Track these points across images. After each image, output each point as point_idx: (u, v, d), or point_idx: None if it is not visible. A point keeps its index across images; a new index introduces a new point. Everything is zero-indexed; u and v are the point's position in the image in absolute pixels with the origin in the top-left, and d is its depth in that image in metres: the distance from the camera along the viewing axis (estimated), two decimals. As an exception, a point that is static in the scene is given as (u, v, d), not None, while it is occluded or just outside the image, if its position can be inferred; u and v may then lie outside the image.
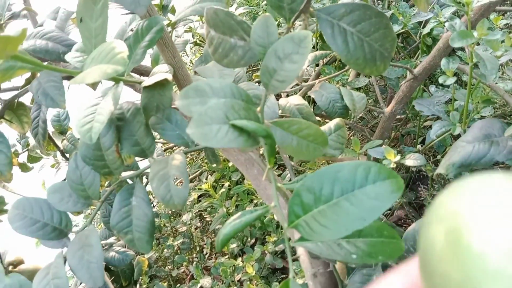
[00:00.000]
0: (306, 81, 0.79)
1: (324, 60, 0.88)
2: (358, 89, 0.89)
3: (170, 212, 1.41)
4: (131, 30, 0.70)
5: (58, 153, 1.12)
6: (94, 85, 0.68)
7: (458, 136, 0.60)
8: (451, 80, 0.58)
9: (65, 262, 0.56)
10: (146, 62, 0.82)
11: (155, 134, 0.57)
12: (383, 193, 0.35)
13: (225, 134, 0.36)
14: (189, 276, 1.26)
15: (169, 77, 0.55)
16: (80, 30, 0.49)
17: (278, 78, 0.39)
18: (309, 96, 0.75)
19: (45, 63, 0.70)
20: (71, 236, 0.58)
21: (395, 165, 0.59)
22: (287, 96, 0.79)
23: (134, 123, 0.54)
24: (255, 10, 1.64)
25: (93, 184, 0.56)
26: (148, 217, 0.55)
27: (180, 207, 0.49)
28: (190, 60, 1.89)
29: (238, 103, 0.39)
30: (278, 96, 1.03)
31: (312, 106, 0.94)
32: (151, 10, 0.56)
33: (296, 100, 0.68)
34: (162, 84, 0.55)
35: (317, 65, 0.91)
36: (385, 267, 0.57)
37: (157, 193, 0.49)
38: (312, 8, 0.38)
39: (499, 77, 0.66)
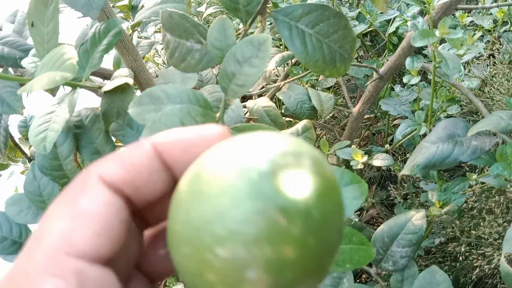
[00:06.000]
0: (275, 82, 0.78)
1: (293, 61, 0.87)
2: (328, 89, 0.89)
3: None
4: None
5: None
6: (53, 91, 0.65)
7: (426, 134, 0.60)
8: (415, 79, 0.58)
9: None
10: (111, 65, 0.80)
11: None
12: (345, 200, 0.34)
13: (181, 142, 0.35)
14: (163, 283, 1.23)
15: (130, 81, 0.53)
16: (32, 35, 0.47)
17: (237, 82, 0.38)
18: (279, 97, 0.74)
19: (1, 69, 0.67)
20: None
21: (362, 165, 0.58)
22: (259, 97, 0.78)
23: (93, 130, 0.52)
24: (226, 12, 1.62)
25: (52, 195, 0.54)
26: (111, 227, 0.53)
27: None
28: (163, 61, 1.86)
29: (195, 108, 0.38)
30: (249, 98, 1.01)
31: (283, 108, 0.93)
32: (109, 13, 0.54)
33: (264, 102, 0.67)
34: (123, 89, 0.53)
35: (287, 64, 0.90)
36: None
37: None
38: (269, 10, 0.37)
39: (465, 74, 0.66)
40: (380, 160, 0.60)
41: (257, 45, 0.37)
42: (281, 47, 1.03)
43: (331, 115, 1.18)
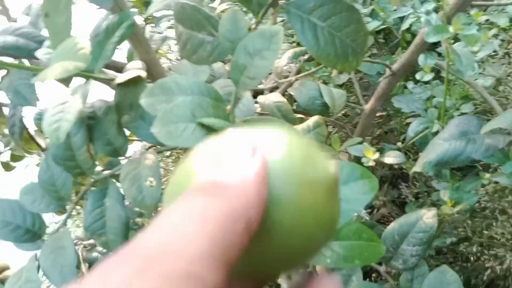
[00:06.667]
0: (286, 77, 0.78)
1: (305, 57, 0.87)
2: (340, 86, 0.88)
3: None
4: (107, 26, 0.68)
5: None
6: (67, 82, 0.66)
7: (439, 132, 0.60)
8: (428, 76, 0.58)
9: (39, 266, 0.54)
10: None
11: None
12: (354, 194, 0.34)
13: (192, 133, 0.35)
14: None
15: (143, 74, 0.54)
16: (46, 26, 0.47)
17: (248, 74, 0.38)
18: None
19: (17, 60, 0.68)
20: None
21: (374, 163, 0.58)
22: (270, 92, 0.78)
23: (106, 122, 0.53)
24: (240, 6, 1.62)
25: (65, 185, 0.54)
26: (122, 218, 0.53)
27: (152, 208, 0.48)
28: (175, 57, 1.87)
29: (207, 100, 0.38)
30: (260, 93, 1.01)
31: (295, 104, 0.93)
32: (123, 5, 0.54)
33: (275, 97, 0.67)
34: (135, 81, 0.53)
35: (299, 60, 0.90)
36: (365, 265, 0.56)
37: (128, 194, 0.48)
38: (282, 2, 0.37)
39: (480, 73, 0.65)
40: (392, 158, 0.59)
41: (268, 37, 0.37)
42: (293, 44, 1.03)
43: (343, 113, 1.18)
